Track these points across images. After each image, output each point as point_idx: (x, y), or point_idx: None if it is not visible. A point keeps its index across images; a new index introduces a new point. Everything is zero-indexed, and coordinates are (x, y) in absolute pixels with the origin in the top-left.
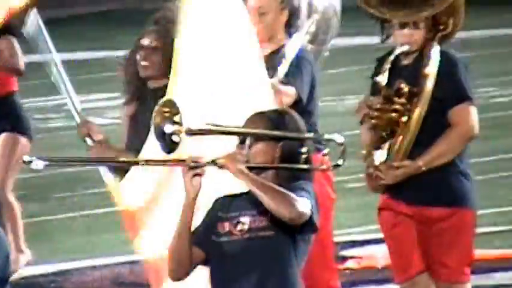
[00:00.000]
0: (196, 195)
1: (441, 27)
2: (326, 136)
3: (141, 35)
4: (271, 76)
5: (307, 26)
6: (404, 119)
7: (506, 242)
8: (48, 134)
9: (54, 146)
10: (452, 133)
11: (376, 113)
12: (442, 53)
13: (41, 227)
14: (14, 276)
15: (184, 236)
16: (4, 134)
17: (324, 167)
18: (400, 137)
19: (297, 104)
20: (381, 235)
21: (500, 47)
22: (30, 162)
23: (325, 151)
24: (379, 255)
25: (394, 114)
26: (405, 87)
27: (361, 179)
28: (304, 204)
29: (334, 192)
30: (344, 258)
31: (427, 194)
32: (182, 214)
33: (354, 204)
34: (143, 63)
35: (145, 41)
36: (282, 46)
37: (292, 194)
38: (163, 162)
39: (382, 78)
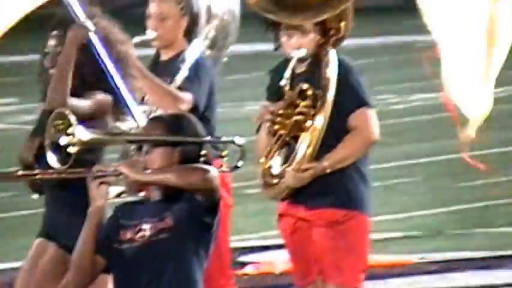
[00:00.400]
0: (103, 203)
1: (333, 31)
2: (225, 138)
3: (45, 40)
4: (170, 82)
5: (206, 32)
6: (308, 123)
7: (402, 247)
8: None
9: None
10: (354, 137)
11: (279, 118)
12: (337, 60)
13: None
14: None
15: (89, 243)
16: None
17: (224, 169)
18: (306, 142)
19: (194, 111)
20: (279, 241)
21: (398, 54)
22: None
23: (224, 153)
24: (278, 261)
25: (299, 117)
26: (309, 89)
27: (258, 185)
28: (212, 168)
29: (232, 198)
30: (243, 264)
31: (325, 196)
32: (88, 221)
33: (252, 210)
34: (52, 70)
35: (51, 46)
36: (182, 52)
37: (198, 165)
38: (68, 174)
39: (286, 82)
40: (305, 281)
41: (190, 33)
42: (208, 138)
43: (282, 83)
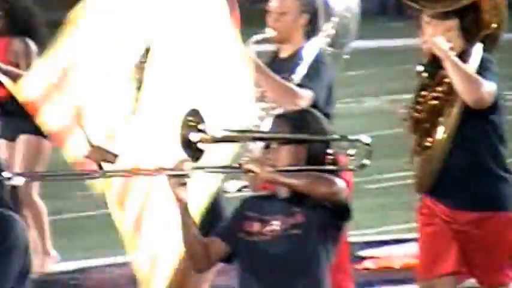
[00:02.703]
0: (186, 200)
1: (480, 25)
2: (352, 137)
3: None
4: (288, 79)
5: (325, 29)
6: (446, 110)
7: None
8: None
9: None
10: None
11: (417, 106)
12: (481, 55)
13: (63, 225)
14: (34, 273)
15: (191, 237)
16: (27, 136)
17: (351, 167)
18: (442, 128)
19: (313, 107)
20: (398, 235)
21: None
22: (10, 178)
23: (351, 152)
24: (397, 255)
25: (435, 102)
26: (447, 79)
27: (377, 180)
28: (340, 182)
29: (352, 193)
30: (361, 259)
31: (466, 195)
32: (182, 217)
33: (371, 204)
34: None
35: None
36: (300, 49)
37: (327, 175)
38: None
39: (423, 68)
40: (431, 274)
41: (309, 31)
42: (335, 136)
43: (419, 68)
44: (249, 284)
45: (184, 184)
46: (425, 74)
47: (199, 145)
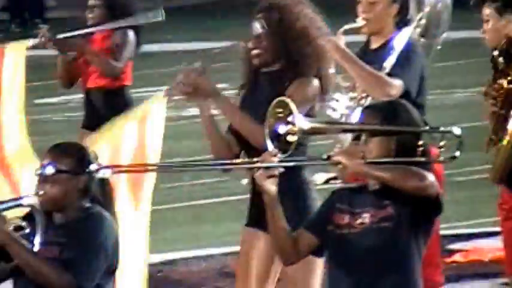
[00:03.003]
0: (275, 191)
1: None
2: (443, 128)
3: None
4: (378, 68)
5: (417, 20)
6: None
7: None
8: None
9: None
10: None
11: (493, 92)
12: None
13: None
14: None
15: (279, 231)
16: None
17: (442, 159)
18: None
19: (405, 97)
20: (488, 229)
21: None
22: (98, 171)
23: (442, 143)
24: (486, 248)
25: (510, 86)
26: None
27: (468, 173)
28: (430, 175)
29: (442, 186)
30: (451, 252)
31: None
32: (269, 210)
33: (461, 197)
34: (254, 51)
35: (255, 30)
36: (391, 39)
37: (417, 168)
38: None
39: (498, 53)
40: None
41: (400, 21)
42: (426, 128)
43: (495, 53)
44: (338, 277)
45: (272, 176)
46: (501, 59)
47: (288, 137)
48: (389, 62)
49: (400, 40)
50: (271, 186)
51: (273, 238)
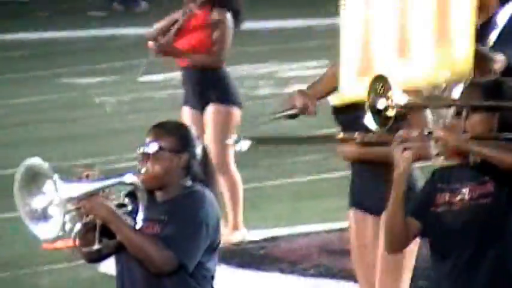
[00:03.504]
0: (407, 168)
1: None
2: None
3: None
4: (483, 44)
5: None
6: None
7: None
8: (257, 101)
9: (263, 114)
10: None
11: None
12: None
13: (250, 194)
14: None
15: (398, 211)
16: (216, 106)
17: None
18: None
19: (508, 72)
20: None
21: None
22: (237, 142)
23: None
24: None
25: None
26: None
27: None
28: None
29: None
30: None
31: None
32: (394, 189)
33: None
34: None
35: None
36: (494, 14)
37: None
38: (378, 138)
39: None
40: None
41: None
42: None
43: None
44: (438, 256)
45: (409, 150)
46: None
47: (388, 112)
48: (492, 38)
49: (503, 16)
50: (404, 163)
51: (389, 220)
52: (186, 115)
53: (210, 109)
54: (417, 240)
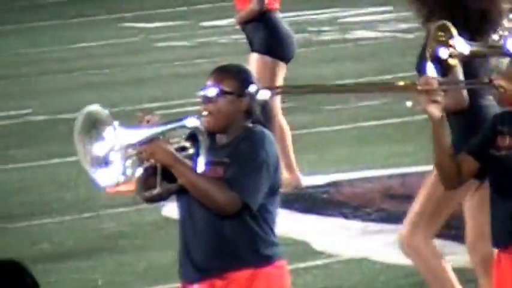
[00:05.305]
0: (440, 116)
1: None
2: None
3: None
4: None
5: None
6: None
7: None
8: (321, 46)
9: (327, 59)
10: None
11: None
12: None
13: (313, 138)
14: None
15: (443, 154)
16: (259, 55)
17: None
18: None
19: None
20: None
21: None
22: (257, 92)
23: None
24: None
25: None
26: None
27: None
28: None
29: None
30: None
31: None
32: (434, 135)
33: None
34: None
35: None
36: None
37: None
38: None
39: None
40: None
41: None
42: None
43: None
44: (498, 199)
45: (435, 101)
46: None
47: (450, 60)
48: None
49: None
50: (435, 111)
51: (437, 162)
52: (251, 60)
53: (254, 57)
54: None
